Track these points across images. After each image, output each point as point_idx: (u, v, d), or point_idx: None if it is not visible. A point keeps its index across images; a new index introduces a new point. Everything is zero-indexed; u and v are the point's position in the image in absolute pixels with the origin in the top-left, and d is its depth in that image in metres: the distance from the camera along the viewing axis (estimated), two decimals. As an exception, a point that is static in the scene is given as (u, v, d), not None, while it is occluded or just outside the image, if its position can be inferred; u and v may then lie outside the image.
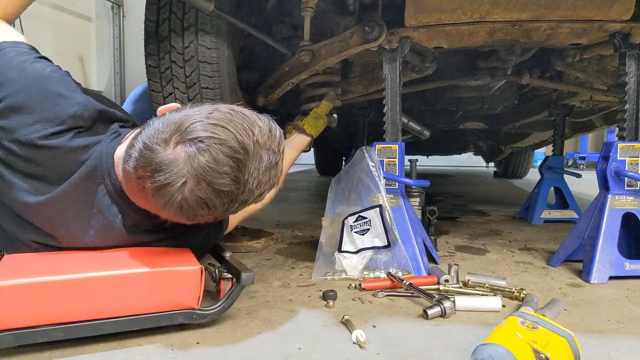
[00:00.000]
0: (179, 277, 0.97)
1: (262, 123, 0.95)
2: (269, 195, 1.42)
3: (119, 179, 0.99)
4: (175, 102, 1.64)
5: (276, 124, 0.99)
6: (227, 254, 1.16)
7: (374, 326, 1.04)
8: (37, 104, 0.98)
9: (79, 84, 1.10)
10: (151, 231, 1.07)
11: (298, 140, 1.75)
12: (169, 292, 0.96)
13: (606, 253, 1.38)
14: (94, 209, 1.01)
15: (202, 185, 0.87)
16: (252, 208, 1.36)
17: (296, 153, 1.74)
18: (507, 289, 1.24)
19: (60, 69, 1.08)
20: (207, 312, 1.00)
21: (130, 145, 0.93)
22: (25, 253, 1.02)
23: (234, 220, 1.32)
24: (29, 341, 0.87)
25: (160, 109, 1.00)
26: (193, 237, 1.13)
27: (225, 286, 1.11)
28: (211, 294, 1.18)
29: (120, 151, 1.00)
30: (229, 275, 1.10)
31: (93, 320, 0.91)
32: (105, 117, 1.07)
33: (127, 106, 1.94)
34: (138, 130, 0.97)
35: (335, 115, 1.94)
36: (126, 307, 0.94)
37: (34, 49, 1.08)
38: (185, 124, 0.88)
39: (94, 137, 1.02)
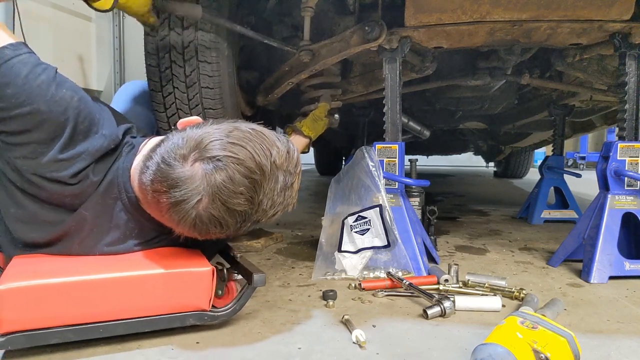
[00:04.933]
0: (190, 278, 0.96)
1: (281, 144, 0.95)
2: None
3: (135, 191, 1.00)
4: (175, 102, 1.64)
5: (294, 145, 1.00)
6: (237, 255, 1.16)
7: (374, 326, 1.04)
8: (68, 138, 0.95)
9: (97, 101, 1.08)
10: (165, 240, 1.07)
11: (296, 142, 1.75)
12: (180, 294, 0.96)
13: (606, 253, 1.38)
14: (111, 223, 1.02)
15: (216, 204, 0.88)
16: None
17: None
18: (507, 289, 1.24)
19: (77, 87, 1.01)
20: (219, 313, 0.99)
21: (148, 157, 0.93)
22: (34, 255, 1.01)
23: None
24: (41, 342, 0.86)
25: (181, 122, 1.00)
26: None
27: (232, 287, 1.10)
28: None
29: (136, 163, 1.01)
30: (239, 276, 1.09)
31: (105, 322, 0.91)
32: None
33: (122, 102, 1.90)
34: (156, 142, 0.97)
35: (336, 116, 1.94)
36: (137, 308, 0.93)
37: (32, 51, 0.99)
38: (205, 141, 0.89)
39: (111, 158, 1.02)
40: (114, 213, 1.01)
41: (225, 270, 1.11)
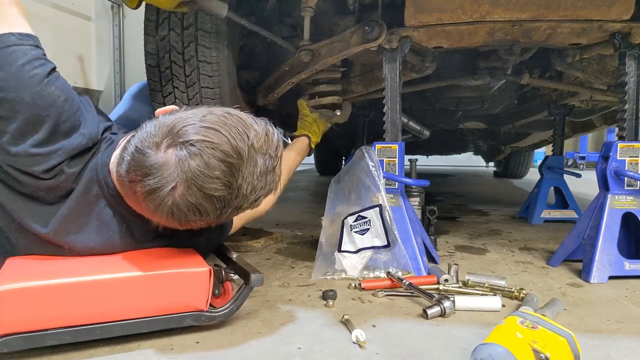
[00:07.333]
0: (187, 279, 0.96)
1: (258, 126, 0.93)
2: (270, 201, 1.42)
3: (115, 185, 0.98)
4: (175, 101, 1.64)
5: (274, 127, 0.96)
6: (234, 255, 1.15)
7: (373, 326, 1.04)
8: (45, 136, 0.95)
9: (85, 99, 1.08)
10: (158, 236, 1.07)
11: (297, 145, 1.76)
12: (177, 294, 0.95)
13: (606, 253, 1.38)
14: (97, 221, 1.00)
15: (192, 190, 0.86)
16: (257, 211, 1.36)
17: (299, 158, 1.75)
18: (507, 289, 1.24)
19: (68, 88, 1.01)
20: (216, 314, 0.99)
21: (124, 149, 0.93)
22: (28, 256, 1.01)
23: (239, 222, 1.31)
24: (38, 344, 0.86)
25: (158, 111, 0.99)
26: (195, 239, 1.12)
27: (228, 287, 1.10)
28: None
29: (114, 157, 1.00)
30: (236, 277, 1.08)
31: (102, 323, 0.90)
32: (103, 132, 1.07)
33: (125, 102, 1.92)
34: (132, 133, 0.96)
35: (337, 112, 1.92)
36: (135, 309, 0.93)
37: (39, 45, 1.02)
38: (178, 126, 0.87)
39: (88, 153, 1.01)
40: (98, 210, 1.00)
41: (222, 271, 1.10)
